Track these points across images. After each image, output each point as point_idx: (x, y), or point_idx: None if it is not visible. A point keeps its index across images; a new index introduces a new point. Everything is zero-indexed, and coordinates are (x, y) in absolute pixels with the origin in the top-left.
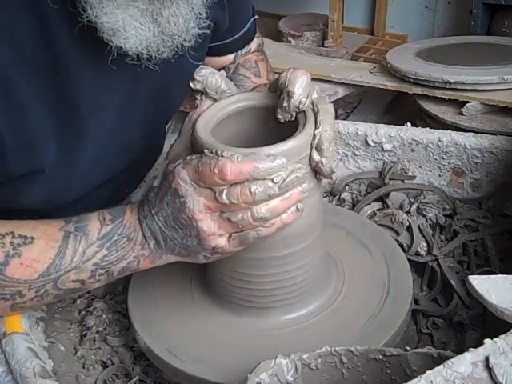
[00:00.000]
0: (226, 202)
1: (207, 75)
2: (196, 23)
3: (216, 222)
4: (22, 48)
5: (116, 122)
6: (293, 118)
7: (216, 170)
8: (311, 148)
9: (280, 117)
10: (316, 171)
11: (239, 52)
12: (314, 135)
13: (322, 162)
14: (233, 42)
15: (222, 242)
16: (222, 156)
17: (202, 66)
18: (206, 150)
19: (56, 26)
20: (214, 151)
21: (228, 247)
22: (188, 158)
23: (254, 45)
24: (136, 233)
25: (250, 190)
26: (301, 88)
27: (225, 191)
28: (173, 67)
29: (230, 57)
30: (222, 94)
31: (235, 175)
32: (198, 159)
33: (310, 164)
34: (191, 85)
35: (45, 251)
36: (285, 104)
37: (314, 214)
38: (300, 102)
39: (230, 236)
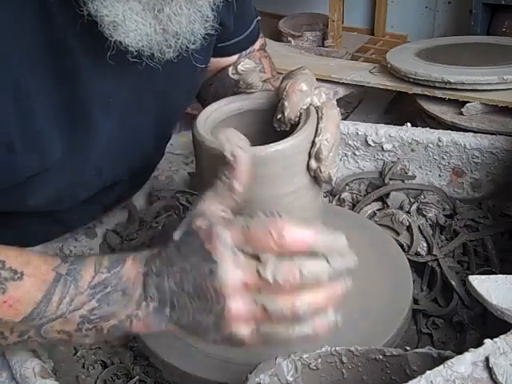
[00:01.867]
0: (270, 279)
1: (249, 70)
2: (203, 25)
3: (247, 305)
4: (28, 47)
5: (121, 120)
6: (287, 129)
7: (274, 232)
8: (309, 156)
9: (276, 125)
10: (315, 177)
11: (243, 53)
12: (314, 143)
13: (320, 170)
14: (238, 43)
15: (244, 331)
16: (280, 216)
17: (246, 60)
18: (259, 212)
19: (61, 23)
20: (269, 212)
21: (247, 340)
22: (231, 218)
23: (257, 45)
24: (134, 288)
25: (300, 270)
26: (296, 103)
27: (271, 265)
28: (177, 68)
29: (234, 57)
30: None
31: (294, 242)
32: (248, 219)
33: (309, 170)
34: (230, 73)
35: (31, 293)
36: (279, 116)
37: (313, 213)
38: (296, 116)
39: (255, 329)
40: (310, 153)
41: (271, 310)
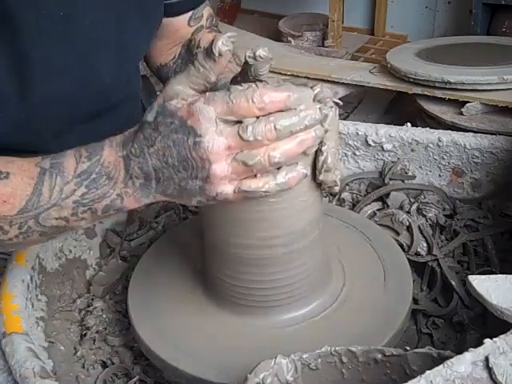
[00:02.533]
0: (251, 138)
1: (266, 59)
2: None
3: (230, 166)
4: None
5: (61, 48)
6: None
7: (255, 99)
8: (315, 167)
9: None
10: (320, 185)
11: (192, 15)
12: (321, 151)
13: (327, 178)
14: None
15: (228, 189)
16: (257, 86)
17: (265, 48)
18: (235, 86)
19: None
20: (246, 84)
21: (231, 197)
22: (209, 93)
23: (205, 12)
24: (117, 171)
25: (275, 126)
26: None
27: (250, 127)
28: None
29: (185, 18)
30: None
31: (272, 103)
32: (227, 93)
33: (315, 180)
34: (246, 56)
35: (21, 187)
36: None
37: (313, 213)
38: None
39: (237, 187)
40: (315, 162)
41: (251, 163)
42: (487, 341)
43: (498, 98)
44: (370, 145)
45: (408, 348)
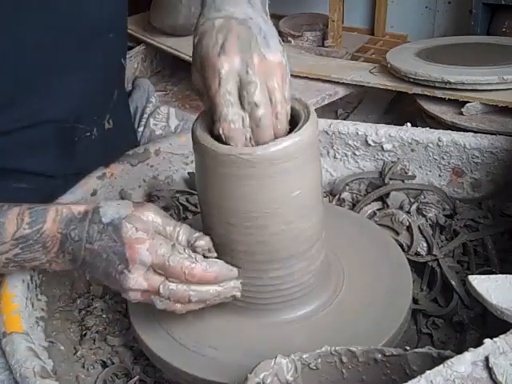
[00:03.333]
0: (165, 297)
1: None
2: None
3: (142, 295)
4: None
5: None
6: None
7: (186, 271)
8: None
9: None
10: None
11: None
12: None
13: None
14: None
15: (137, 297)
16: (195, 259)
17: None
18: (177, 246)
19: None
20: (186, 251)
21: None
22: (155, 242)
23: None
24: (53, 244)
25: (189, 298)
26: None
27: (168, 287)
28: None
29: None
30: None
31: (199, 280)
32: (169, 252)
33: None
34: None
35: None
36: None
37: (314, 218)
38: None
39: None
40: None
41: (158, 307)
42: (487, 341)
43: (498, 97)
44: (369, 145)
45: (408, 348)
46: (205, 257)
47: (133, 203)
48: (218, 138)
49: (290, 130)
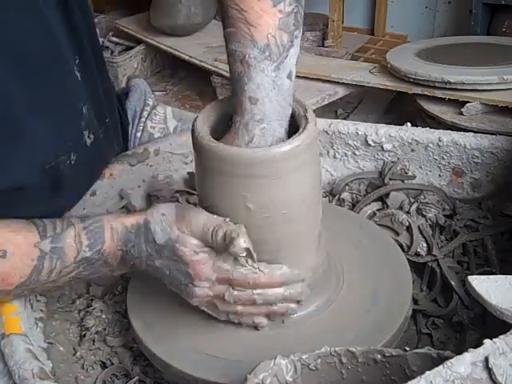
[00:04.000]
0: (231, 302)
1: None
2: None
3: (206, 303)
4: None
5: None
6: None
7: (251, 281)
8: None
9: None
10: None
11: None
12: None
13: None
14: None
15: (203, 303)
16: (258, 269)
17: None
18: (241, 261)
19: None
20: (249, 263)
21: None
22: (217, 262)
23: None
24: (114, 259)
25: (255, 301)
26: None
27: (235, 293)
28: None
29: None
30: None
31: (265, 284)
32: (232, 268)
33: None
34: None
35: (20, 267)
36: None
37: (314, 218)
38: None
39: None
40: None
41: (221, 309)
42: (487, 341)
43: (498, 98)
44: (369, 145)
45: (407, 348)
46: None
47: (175, 217)
48: (217, 138)
49: (290, 132)
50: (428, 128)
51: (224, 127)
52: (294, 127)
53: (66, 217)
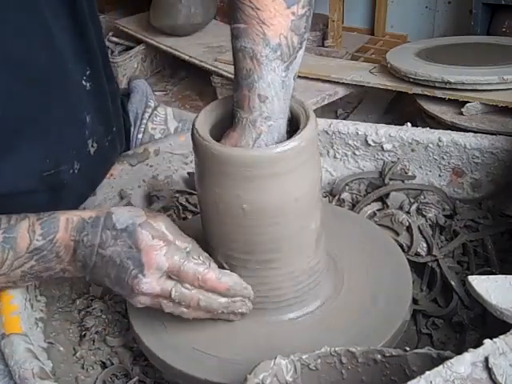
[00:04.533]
0: (175, 299)
1: None
2: None
3: (152, 299)
4: None
5: None
6: None
7: (200, 276)
8: None
9: None
10: None
11: None
12: None
13: None
14: None
15: (145, 302)
16: (209, 266)
17: None
18: (193, 255)
19: None
20: (201, 258)
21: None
22: (170, 249)
23: None
24: (66, 252)
25: (198, 302)
26: None
27: (180, 290)
28: None
29: None
30: None
31: (211, 288)
32: (184, 258)
33: None
34: None
35: None
36: None
37: (314, 218)
38: None
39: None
40: None
41: (166, 311)
42: (487, 341)
43: (498, 98)
44: (369, 145)
45: (407, 348)
46: None
47: (145, 212)
48: (217, 138)
49: (290, 132)
50: (428, 128)
51: (224, 127)
52: (294, 127)
53: (23, 213)
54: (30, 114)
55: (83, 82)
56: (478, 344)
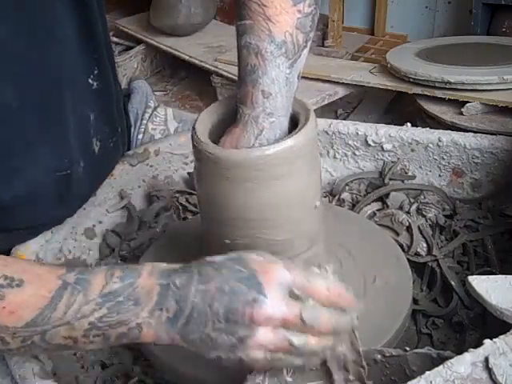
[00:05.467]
0: (307, 321)
1: None
2: None
3: (276, 337)
4: None
5: None
6: None
7: (331, 291)
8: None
9: None
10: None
11: None
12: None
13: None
14: None
15: (260, 356)
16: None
17: None
18: (314, 268)
19: None
20: (325, 268)
21: (258, 364)
22: (288, 262)
23: None
24: (149, 299)
25: (331, 320)
26: None
27: (311, 310)
28: None
29: None
30: None
31: (342, 301)
32: (307, 270)
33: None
34: None
35: (34, 299)
36: None
37: (314, 218)
38: None
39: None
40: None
41: (297, 345)
42: (487, 341)
43: (498, 98)
44: (369, 145)
45: (408, 348)
46: None
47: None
48: (218, 139)
49: (290, 131)
50: (428, 128)
51: (225, 128)
52: (294, 127)
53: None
54: (46, 113)
55: (90, 81)
56: (478, 344)
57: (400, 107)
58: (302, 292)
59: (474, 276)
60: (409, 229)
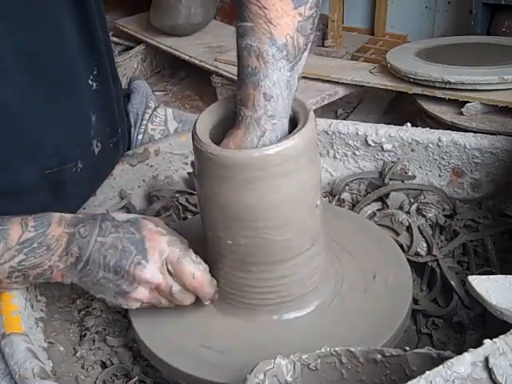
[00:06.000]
0: (175, 295)
1: None
2: None
3: (150, 296)
4: None
5: None
6: None
7: (194, 275)
8: None
9: None
10: None
11: None
12: None
13: None
14: None
15: (136, 305)
16: (202, 267)
17: None
18: (191, 253)
19: None
20: (198, 258)
21: (134, 308)
22: (172, 239)
23: None
24: (58, 245)
25: (191, 299)
26: None
27: (180, 289)
28: None
29: None
30: None
31: (200, 291)
32: (184, 252)
33: None
34: None
35: None
36: None
37: (314, 218)
38: None
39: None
40: None
41: (164, 305)
42: (487, 341)
43: (498, 98)
44: (369, 145)
45: (407, 348)
46: None
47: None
48: (219, 139)
49: (290, 131)
50: (428, 128)
51: (225, 128)
52: (293, 127)
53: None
54: (39, 112)
55: (90, 82)
56: (478, 344)
57: (400, 107)
58: (173, 269)
59: (474, 276)
60: (409, 229)
